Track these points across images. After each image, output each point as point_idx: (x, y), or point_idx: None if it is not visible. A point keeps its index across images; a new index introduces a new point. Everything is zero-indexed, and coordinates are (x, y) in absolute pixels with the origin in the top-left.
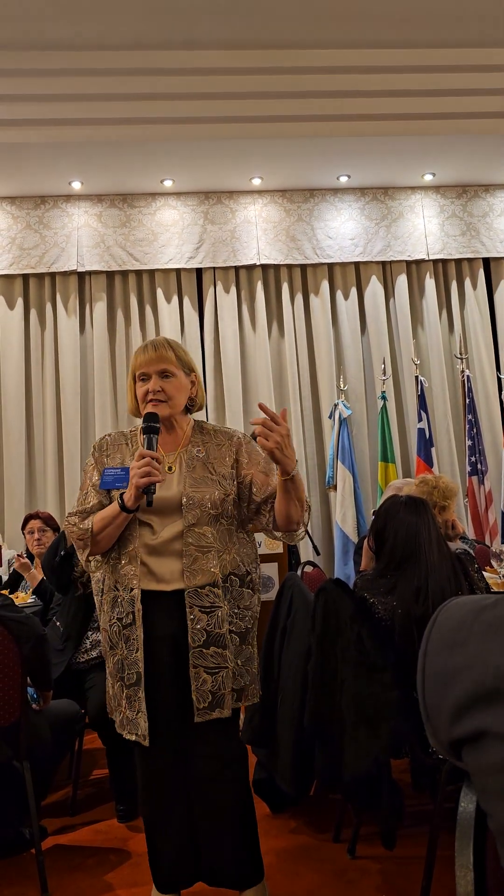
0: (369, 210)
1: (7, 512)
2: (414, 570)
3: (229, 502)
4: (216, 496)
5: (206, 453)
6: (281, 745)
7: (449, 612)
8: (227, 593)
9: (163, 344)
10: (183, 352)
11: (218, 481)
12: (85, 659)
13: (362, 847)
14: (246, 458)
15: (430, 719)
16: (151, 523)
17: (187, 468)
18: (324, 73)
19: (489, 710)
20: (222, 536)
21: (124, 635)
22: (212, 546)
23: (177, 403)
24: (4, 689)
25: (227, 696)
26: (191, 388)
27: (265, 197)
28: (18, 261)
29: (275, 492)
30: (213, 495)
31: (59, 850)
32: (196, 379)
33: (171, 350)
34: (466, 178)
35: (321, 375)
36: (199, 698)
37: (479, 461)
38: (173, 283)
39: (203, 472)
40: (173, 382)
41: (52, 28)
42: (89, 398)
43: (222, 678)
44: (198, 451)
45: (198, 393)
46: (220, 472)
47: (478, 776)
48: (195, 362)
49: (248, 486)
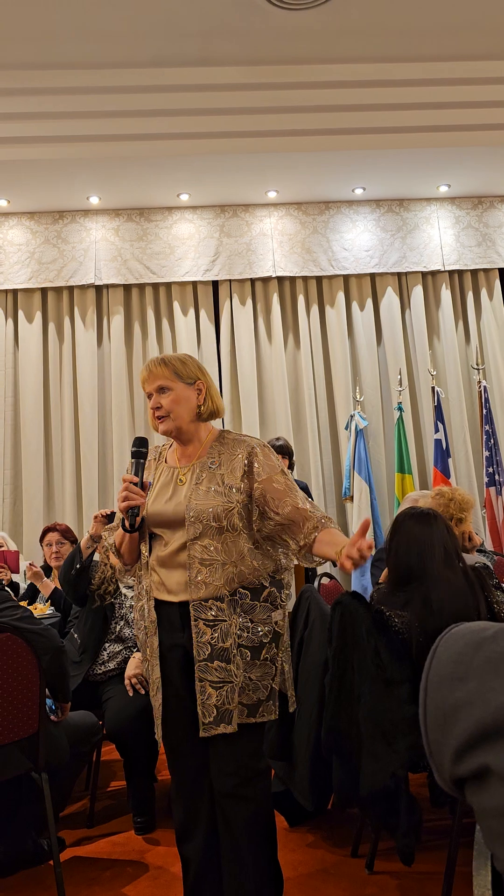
0: (385, 222)
1: (25, 524)
2: (422, 584)
3: (235, 514)
4: (220, 509)
5: (220, 464)
6: (298, 759)
7: (448, 644)
8: (234, 607)
9: (157, 361)
10: (181, 363)
11: (224, 493)
12: (102, 671)
13: (380, 862)
14: (259, 468)
15: (432, 756)
16: (163, 535)
17: (196, 480)
18: (338, 87)
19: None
20: (228, 549)
21: (146, 644)
22: (215, 559)
23: (179, 416)
24: (24, 700)
25: (234, 711)
26: (197, 397)
27: (280, 210)
28: (37, 275)
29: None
30: (216, 508)
31: (77, 862)
32: (202, 386)
33: (164, 366)
34: (481, 189)
35: (337, 386)
36: (204, 712)
37: (497, 472)
38: (190, 296)
39: (211, 483)
40: (171, 396)
41: (70, 47)
42: (107, 411)
43: (227, 693)
44: (211, 463)
45: (204, 400)
46: (229, 483)
47: (482, 817)
48: (203, 370)
49: (263, 499)
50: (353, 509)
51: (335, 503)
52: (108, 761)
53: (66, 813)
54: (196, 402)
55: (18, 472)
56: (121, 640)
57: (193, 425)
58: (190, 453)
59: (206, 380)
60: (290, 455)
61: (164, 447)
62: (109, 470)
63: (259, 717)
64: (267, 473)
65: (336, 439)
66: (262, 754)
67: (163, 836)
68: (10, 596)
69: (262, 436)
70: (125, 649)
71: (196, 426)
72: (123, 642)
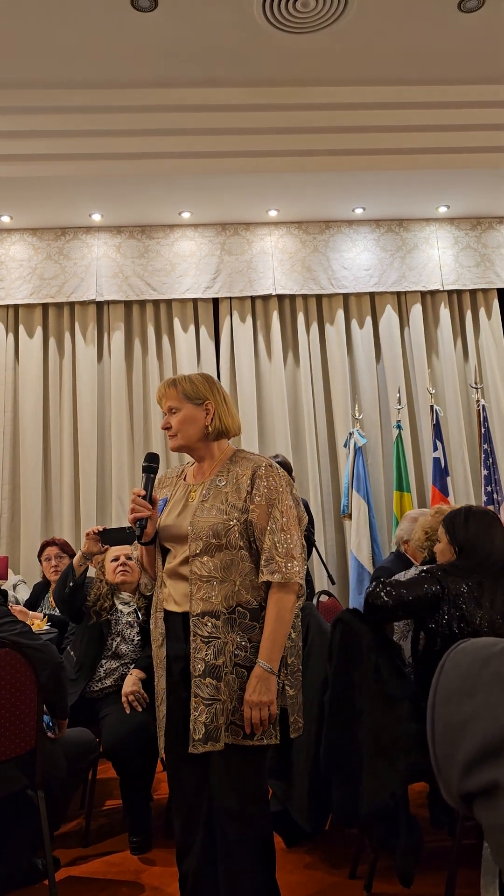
0: (384, 241)
1: (23, 539)
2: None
3: (234, 533)
4: (219, 526)
5: (227, 482)
6: (296, 778)
7: (455, 660)
8: (231, 625)
9: (167, 383)
10: (190, 384)
11: (226, 511)
12: (99, 688)
13: (379, 884)
14: (257, 491)
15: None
16: (172, 549)
17: (203, 497)
18: (339, 109)
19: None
20: (226, 567)
21: (157, 654)
22: (213, 576)
23: (186, 435)
24: (21, 716)
25: (222, 729)
26: (205, 417)
27: (281, 228)
28: (38, 290)
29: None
30: (216, 525)
31: (72, 882)
32: (211, 406)
33: (172, 387)
34: (480, 210)
35: (336, 404)
36: (194, 728)
37: (496, 490)
38: (190, 313)
39: (215, 501)
40: (178, 416)
41: (75, 66)
42: (106, 426)
43: (216, 711)
44: (220, 480)
45: (212, 420)
46: (232, 501)
47: (490, 833)
48: (214, 390)
49: (253, 524)
50: (351, 527)
51: (333, 521)
52: (104, 779)
53: (60, 832)
54: (204, 421)
55: (17, 487)
56: (117, 657)
57: (203, 444)
58: (204, 471)
59: (215, 399)
60: (289, 470)
61: (187, 465)
62: (108, 485)
63: (258, 740)
64: (265, 500)
65: (335, 457)
66: (262, 776)
67: (158, 856)
68: (8, 611)
69: (260, 452)
70: (122, 666)
71: (207, 444)
72: (120, 659)
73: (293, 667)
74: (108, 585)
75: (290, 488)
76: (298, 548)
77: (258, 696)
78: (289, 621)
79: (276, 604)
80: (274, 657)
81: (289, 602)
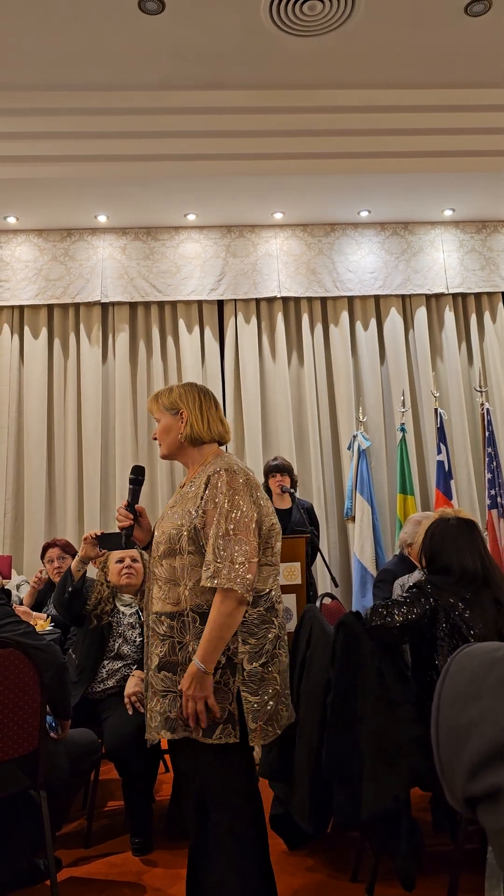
0: (389, 244)
1: (27, 540)
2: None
3: (184, 537)
4: (173, 532)
5: (192, 488)
6: (297, 780)
7: (461, 664)
8: (185, 628)
9: (152, 396)
10: (167, 395)
11: (182, 516)
12: (101, 688)
13: (381, 887)
14: (208, 498)
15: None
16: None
17: (172, 503)
18: (344, 111)
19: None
20: (178, 571)
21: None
22: (169, 579)
23: (167, 443)
24: (24, 717)
25: (180, 722)
26: (180, 426)
27: (286, 231)
28: (44, 291)
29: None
30: (171, 531)
31: (73, 883)
32: (185, 415)
33: (154, 400)
34: (486, 214)
35: (340, 407)
36: (151, 716)
37: (499, 494)
38: (195, 315)
39: (179, 507)
40: (160, 427)
41: (81, 69)
42: (110, 427)
43: (170, 702)
44: (190, 486)
45: (183, 429)
46: (188, 507)
47: (494, 837)
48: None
49: (201, 530)
50: (354, 529)
51: (337, 523)
52: (106, 780)
53: (62, 832)
54: (178, 430)
55: (21, 487)
56: (120, 658)
57: (183, 451)
58: (189, 477)
59: (188, 408)
60: (290, 472)
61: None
62: (111, 486)
63: (216, 738)
64: (213, 506)
65: (338, 459)
66: (232, 774)
67: (160, 857)
68: (12, 611)
69: (264, 454)
70: (124, 667)
71: (187, 451)
72: (122, 659)
73: (254, 674)
74: (109, 588)
75: (251, 493)
76: (246, 554)
77: (192, 691)
78: (227, 626)
79: (215, 608)
80: (208, 658)
81: (226, 608)
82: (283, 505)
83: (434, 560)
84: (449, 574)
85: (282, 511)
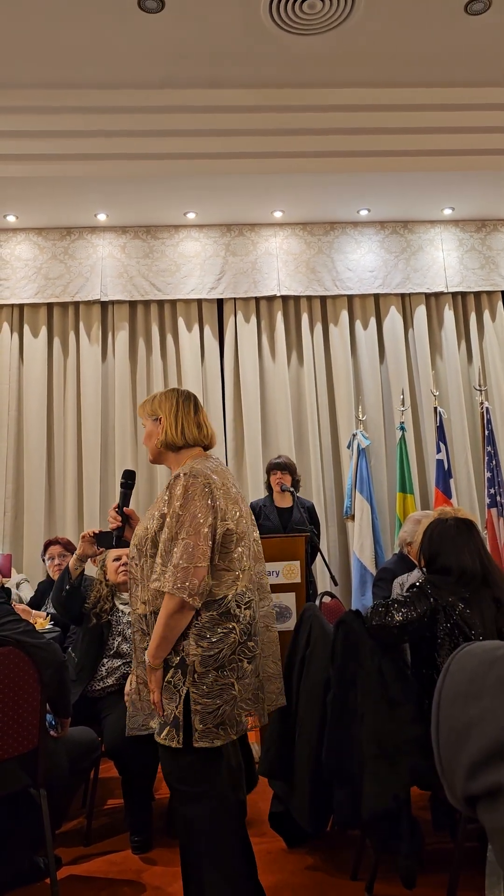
0: (389, 243)
1: (26, 538)
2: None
3: (149, 540)
4: (141, 534)
5: (163, 493)
6: (297, 779)
7: (461, 663)
8: (151, 626)
9: (141, 404)
10: (150, 403)
11: (149, 519)
12: (100, 687)
13: (380, 885)
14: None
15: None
16: None
17: (148, 507)
18: (344, 110)
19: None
20: (147, 571)
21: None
22: (138, 580)
23: (150, 449)
24: (24, 715)
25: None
26: (158, 433)
27: (286, 229)
28: (43, 290)
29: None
30: (140, 533)
31: (73, 881)
32: (163, 421)
33: (142, 407)
34: (485, 213)
35: (340, 405)
36: (132, 708)
37: (499, 493)
38: (194, 313)
39: (150, 511)
40: (145, 433)
41: (81, 67)
42: (110, 425)
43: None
44: (165, 490)
45: (160, 435)
46: (153, 511)
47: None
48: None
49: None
50: (354, 528)
51: (336, 522)
52: (106, 779)
53: (62, 831)
54: (157, 436)
55: (20, 486)
56: (119, 656)
57: (164, 456)
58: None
59: (164, 413)
60: (292, 471)
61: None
62: (111, 484)
63: (163, 739)
64: (168, 509)
65: (338, 458)
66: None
67: (160, 856)
68: (12, 610)
69: (264, 453)
70: (124, 665)
71: (167, 456)
72: (122, 658)
73: (205, 676)
74: (107, 587)
75: (208, 498)
76: (191, 559)
77: (150, 684)
78: (170, 627)
79: (161, 610)
80: (154, 655)
81: (167, 610)
82: (283, 503)
83: (433, 561)
84: (448, 574)
85: (282, 509)
